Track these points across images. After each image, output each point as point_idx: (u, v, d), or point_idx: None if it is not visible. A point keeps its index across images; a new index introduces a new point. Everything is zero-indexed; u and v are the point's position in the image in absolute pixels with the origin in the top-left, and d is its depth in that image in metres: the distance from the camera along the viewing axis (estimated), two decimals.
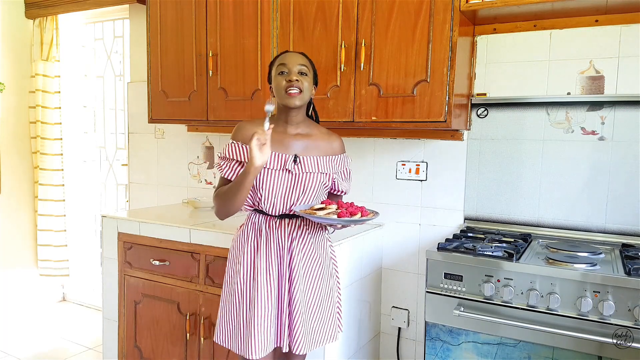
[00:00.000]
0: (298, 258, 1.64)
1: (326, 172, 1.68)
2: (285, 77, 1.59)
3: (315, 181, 1.65)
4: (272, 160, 1.63)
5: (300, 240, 1.66)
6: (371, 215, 1.62)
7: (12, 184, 3.45)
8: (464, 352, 1.77)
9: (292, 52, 1.66)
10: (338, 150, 1.74)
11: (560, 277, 1.59)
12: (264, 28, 2.26)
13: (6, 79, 3.34)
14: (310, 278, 1.67)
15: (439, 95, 1.90)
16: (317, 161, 1.66)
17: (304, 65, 1.61)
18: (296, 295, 1.63)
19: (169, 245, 2.25)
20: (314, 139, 1.69)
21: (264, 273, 1.63)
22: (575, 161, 2.02)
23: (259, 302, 1.61)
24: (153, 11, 2.62)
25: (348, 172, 1.78)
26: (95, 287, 3.67)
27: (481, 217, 2.21)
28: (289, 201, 1.64)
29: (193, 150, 2.98)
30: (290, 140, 1.66)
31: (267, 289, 1.62)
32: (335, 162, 1.71)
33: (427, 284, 1.82)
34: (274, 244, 1.64)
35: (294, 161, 1.63)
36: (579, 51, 2.00)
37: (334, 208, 1.60)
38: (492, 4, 1.84)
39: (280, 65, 1.61)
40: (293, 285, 1.63)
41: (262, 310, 1.60)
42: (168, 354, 2.31)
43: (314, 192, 1.66)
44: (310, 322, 1.67)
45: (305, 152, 1.67)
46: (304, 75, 1.61)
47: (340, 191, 1.77)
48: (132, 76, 3.20)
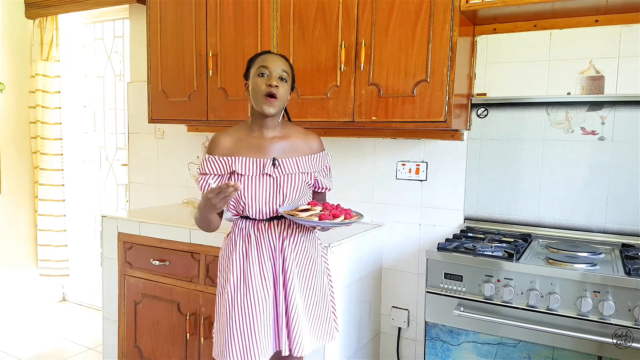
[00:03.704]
0: (291, 257, 1.63)
1: (307, 171, 1.67)
2: (265, 79, 1.57)
3: (297, 182, 1.65)
4: (251, 167, 1.61)
5: (292, 239, 1.65)
6: (355, 217, 1.61)
7: (12, 184, 3.45)
8: (464, 352, 1.77)
9: (275, 55, 1.64)
10: (316, 148, 1.73)
11: (560, 277, 1.59)
12: (264, 28, 2.26)
13: (6, 79, 3.34)
14: (305, 277, 1.67)
15: (439, 95, 1.90)
16: (296, 162, 1.66)
17: (284, 71, 1.60)
18: (293, 295, 1.61)
19: (169, 245, 2.25)
20: (292, 140, 1.68)
21: (258, 277, 1.60)
22: (575, 161, 2.02)
23: (255, 307, 1.58)
24: (153, 11, 2.62)
25: (328, 169, 1.77)
26: (95, 287, 3.67)
27: (481, 217, 2.21)
28: (274, 204, 1.62)
29: (193, 150, 2.98)
30: (267, 144, 1.65)
31: (262, 294, 1.60)
32: (314, 161, 1.71)
33: (427, 284, 1.82)
34: (266, 247, 1.63)
35: (272, 165, 1.62)
36: (579, 51, 1.99)
37: (318, 210, 1.59)
38: (492, 4, 1.84)
39: (262, 67, 1.59)
40: (288, 285, 1.62)
41: (259, 315, 1.58)
42: (168, 354, 2.31)
43: (297, 193, 1.65)
44: (308, 322, 1.67)
45: (283, 154, 1.65)
46: (283, 82, 1.60)
47: (324, 188, 1.76)
48: (132, 76, 3.20)
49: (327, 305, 1.75)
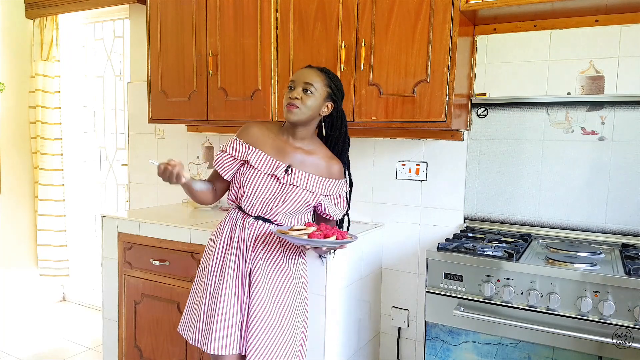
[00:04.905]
0: (260, 263, 1.64)
1: (313, 191, 1.68)
2: (290, 92, 1.64)
3: (298, 196, 1.66)
4: (265, 164, 1.64)
5: (266, 245, 1.65)
6: (348, 239, 1.59)
7: (12, 184, 3.45)
8: (464, 352, 1.77)
9: (307, 69, 1.68)
10: (336, 175, 1.74)
11: (560, 277, 1.59)
12: (264, 28, 2.26)
13: (6, 79, 3.34)
14: (274, 287, 1.65)
15: (439, 95, 1.90)
16: (307, 178, 1.67)
17: (309, 83, 1.62)
18: (254, 299, 1.62)
19: (169, 245, 2.25)
20: (315, 157, 1.70)
21: (233, 268, 1.64)
22: (575, 161, 2.02)
23: (223, 296, 1.61)
24: (153, 11, 2.62)
25: (342, 199, 1.77)
26: (95, 287, 3.67)
27: (481, 217, 2.21)
28: (267, 206, 1.65)
29: (193, 150, 2.98)
30: (289, 150, 1.68)
31: (233, 284, 1.62)
32: (328, 185, 1.71)
33: (427, 284, 1.82)
34: (243, 242, 1.66)
35: (285, 170, 1.64)
36: (579, 51, 1.99)
37: (310, 230, 1.58)
38: (492, 4, 1.84)
39: (291, 82, 1.67)
40: (252, 288, 1.63)
41: (225, 304, 1.60)
42: (168, 354, 2.31)
43: (293, 207, 1.66)
44: (268, 334, 1.63)
45: (300, 165, 1.68)
46: (308, 93, 1.62)
47: (329, 215, 1.75)
48: (132, 76, 3.20)
49: (297, 326, 1.72)
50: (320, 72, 1.67)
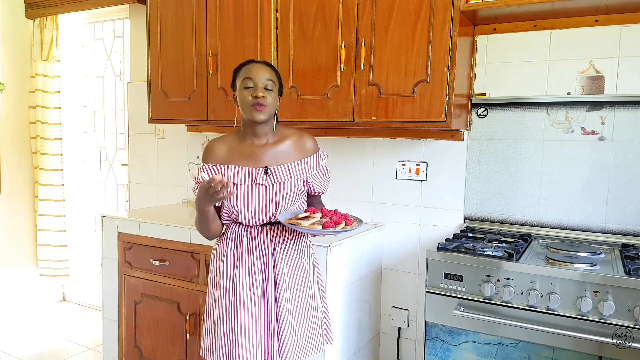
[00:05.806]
0: (282, 264, 1.63)
1: (300, 177, 1.66)
2: (250, 91, 1.57)
3: (290, 189, 1.64)
4: (244, 176, 1.61)
5: (283, 246, 1.64)
6: (355, 223, 1.62)
7: (12, 184, 3.45)
8: (464, 352, 1.77)
9: (258, 64, 1.62)
10: (311, 150, 1.72)
11: (560, 277, 1.59)
12: (264, 28, 2.26)
13: (6, 79, 3.34)
14: (296, 285, 1.65)
15: (439, 95, 1.90)
16: (289, 169, 1.65)
17: (269, 80, 1.59)
18: (282, 302, 1.61)
19: (169, 245, 2.25)
20: (284, 144, 1.67)
21: (247, 282, 1.60)
22: (575, 161, 2.02)
23: (242, 312, 1.58)
24: (153, 11, 2.62)
25: (325, 169, 1.75)
26: (95, 287, 3.67)
27: (481, 217, 2.21)
28: (267, 212, 1.62)
29: (193, 150, 2.98)
30: (259, 152, 1.64)
31: (250, 298, 1.59)
32: (309, 164, 1.69)
33: (427, 284, 1.82)
34: (257, 252, 1.62)
35: (265, 173, 1.61)
36: (579, 51, 1.99)
37: (318, 217, 1.58)
38: (492, 4, 1.84)
39: (247, 79, 1.58)
40: (279, 292, 1.61)
41: (246, 320, 1.57)
42: (168, 354, 2.31)
43: (290, 200, 1.64)
44: (298, 331, 1.64)
45: (276, 161, 1.65)
46: (270, 91, 1.59)
47: (317, 192, 1.75)
48: (132, 76, 3.20)
49: (318, 315, 1.73)
50: (269, 66, 1.63)
